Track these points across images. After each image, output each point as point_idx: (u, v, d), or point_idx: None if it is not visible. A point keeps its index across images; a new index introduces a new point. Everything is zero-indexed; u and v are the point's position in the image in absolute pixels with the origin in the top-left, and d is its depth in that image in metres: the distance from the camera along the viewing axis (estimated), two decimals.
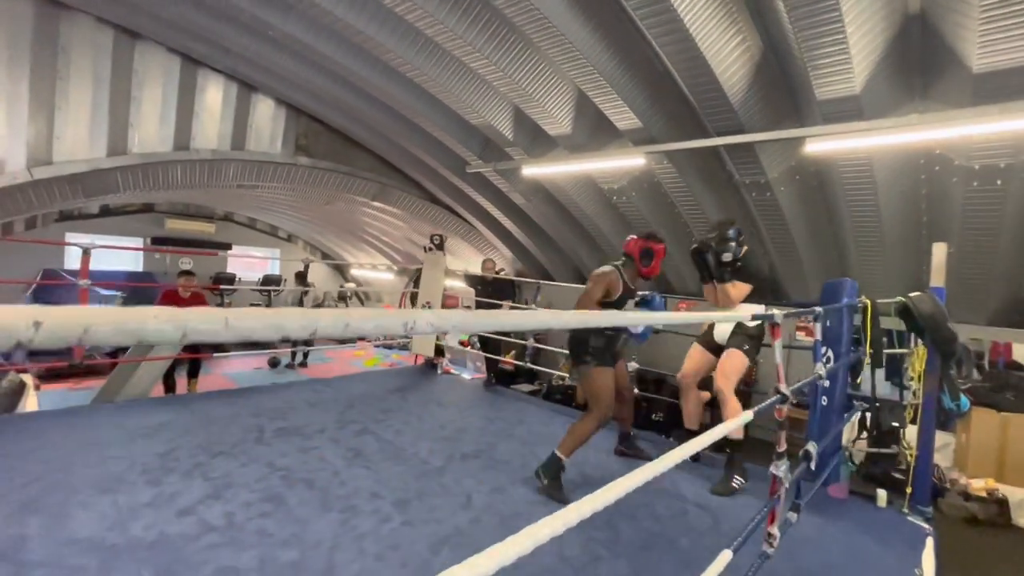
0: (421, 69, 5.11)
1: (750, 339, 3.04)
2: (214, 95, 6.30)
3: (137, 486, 2.47)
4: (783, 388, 1.55)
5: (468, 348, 8.18)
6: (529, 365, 7.06)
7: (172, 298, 5.77)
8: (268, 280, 12.47)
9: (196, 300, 5.93)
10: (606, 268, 2.98)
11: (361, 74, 5.42)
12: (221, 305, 11.05)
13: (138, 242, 11.49)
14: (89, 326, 0.37)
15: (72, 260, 10.07)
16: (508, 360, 6.28)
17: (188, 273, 5.94)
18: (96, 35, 5.30)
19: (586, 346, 2.91)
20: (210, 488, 2.51)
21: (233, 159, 6.59)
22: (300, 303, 8.06)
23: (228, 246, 12.89)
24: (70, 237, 10.04)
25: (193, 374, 5.98)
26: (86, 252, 3.70)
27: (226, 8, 4.72)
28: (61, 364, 6.37)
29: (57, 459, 2.69)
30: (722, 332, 3.17)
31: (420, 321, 0.53)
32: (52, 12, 5.02)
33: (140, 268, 11.69)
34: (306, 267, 6.47)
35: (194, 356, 5.76)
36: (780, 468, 1.55)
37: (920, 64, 3.73)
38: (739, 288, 2.96)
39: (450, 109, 5.98)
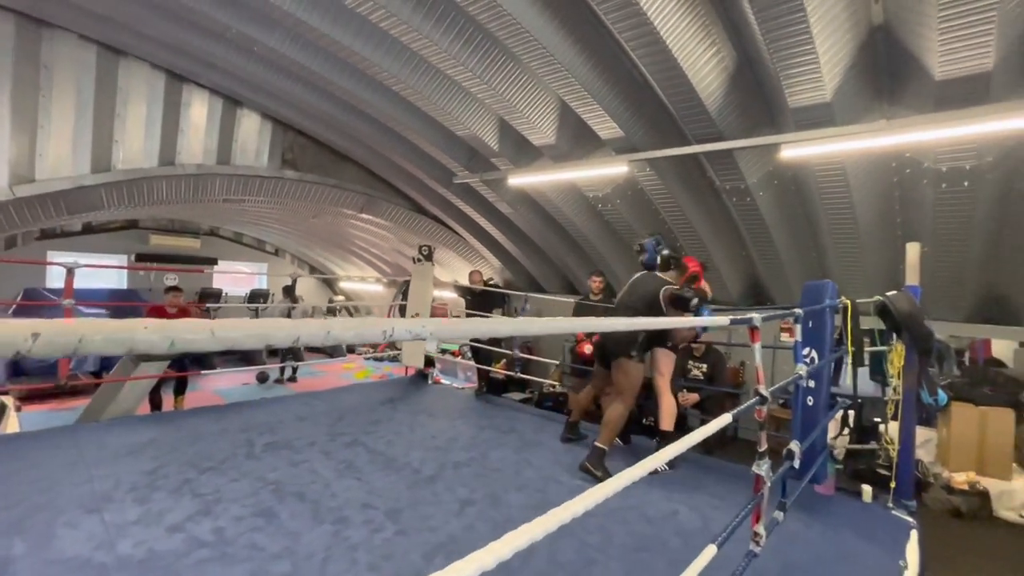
0: (406, 82, 5.17)
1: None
2: (199, 110, 6.30)
3: (124, 504, 2.45)
4: (762, 390, 1.60)
5: (459, 358, 8.17)
6: (519, 375, 7.09)
7: (159, 315, 5.71)
8: (255, 295, 12.37)
9: (183, 316, 5.88)
10: (675, 292, 3.33)
11: (346, 87, 5.46)
12: None
13: (122, 259, 11.34)
14: (83, 337, 0.40)
15: (54, 279, 9.91)
16: (499, 369, 6.30)
17: (175, 289, 5.87)
18: (79, 52, 5.29)
19: (635, 344, 3.26)
20: (200, 504, 2.50)
21: (219, 174, 6.58)
22: (288, 318, 8.02)
23: (214, 261, 12.77)
24: (52, 256, 9.89)
25: (180, 391, 5.91)
26: (70, 272, 3.66)
27: (211, 25, 4.76)
28: (44, 385, 6.24)
29: (41, 480, 2.65)
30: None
31: (399, 328, 0.56)
32: (34, 29, 5.01)
33: (124, 285, 11.53)
34: (294, 281, 6.43)
35: (180, 374, 5.72)
36: (762, 467, 1.59)
37: (886, 72, 3.87)
38: None
39: (435, 121, 6.04)
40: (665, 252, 3.50)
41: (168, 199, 6.34)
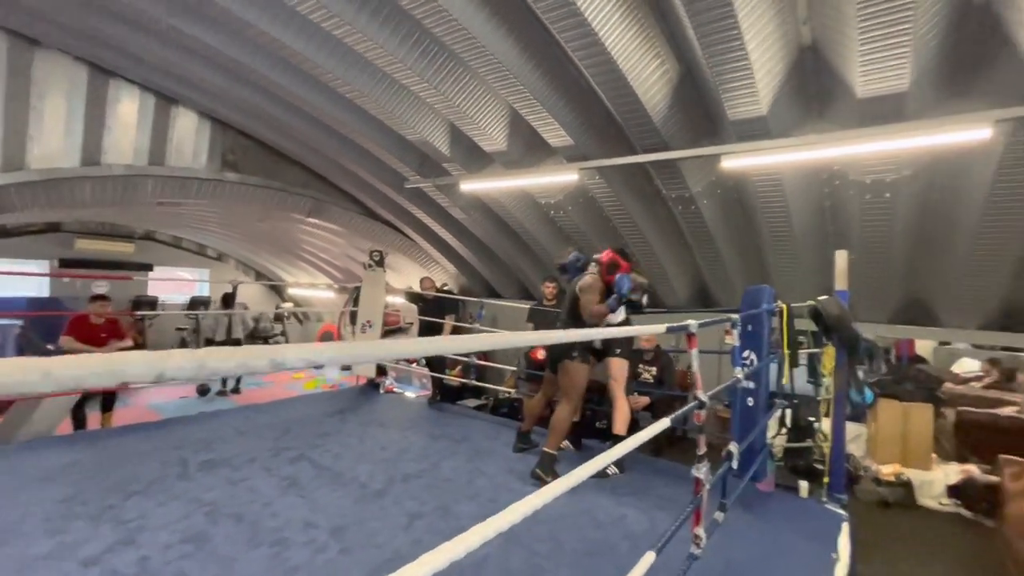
0: (353, 84, 5.04)
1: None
2: (128, 107, 5.90)
3: (33, 537, 2.23)
4: (701, 395, 1.63)
5: (413, 365, 8.02)
6: (474, 382, 7.03)
7: (82, 325, 5.27)
8: (196, 302, 11.71)
9: (111, 327, 5.44)
10: (590, 279, 3.24)
11: (290, 88, 5.27)
12: (142, 331, 10.24)
13: (43, 265, 10.47)
14: None
15: None
16: (454, 376, 6.22)
17: (102, 298, 5.43)
18: None
19: (575, 344, 3.19)
20: (122, 532, 2.31)
21: (151, 175, 6.19)
22: (228, 327, 7.54)
23: (149, 267, 12.01)
24: None
25: (107, 407, 5.46)
26: None
27: (138, 17, 4.46)
28: None
29: None
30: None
31: (291, 356, 0.51)
32: None
33: (46, 294, 10.64)
34: (234, 288, 6.02)
35: (107, 388, 5.30)
36: (701, 470, 1.62)
37: (815, 88, 4.12)
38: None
39: (385, 125, 5.93)
40: (593, 260, 3.48)
41: (93, 201, 5.89)
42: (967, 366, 8.33)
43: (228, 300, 8.43)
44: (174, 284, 12.65)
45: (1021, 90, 3.40)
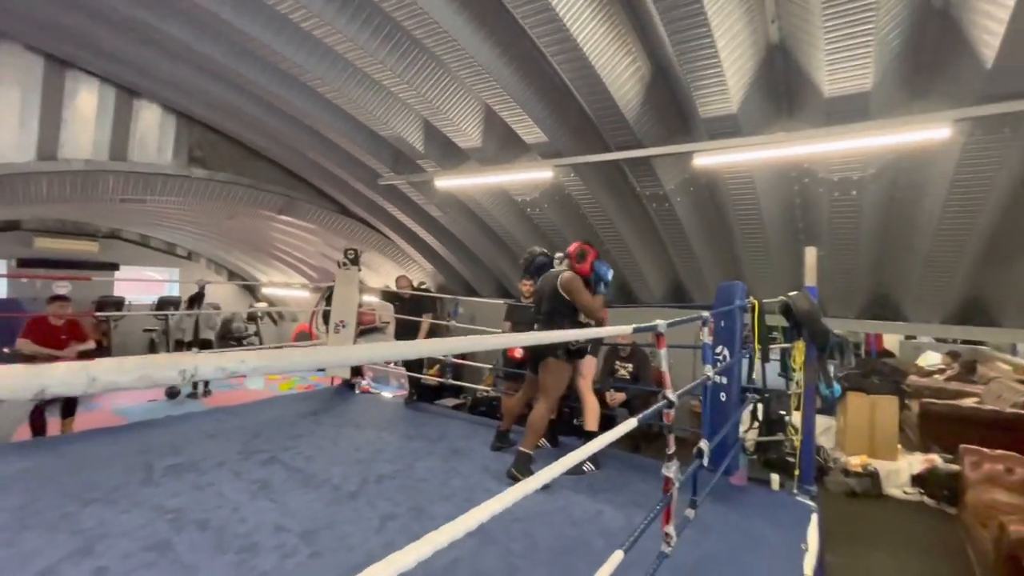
0: (324, 79, 4.93)
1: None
2: (87, 99, 5.66)
3: None
4: (670, 394, 1.63)
5: (390, 365, 7.91)
6: (451, 381, 6.98)
7: (40, 327, 5.04)
8: (165, 303, 11.34)
9: (71, 328, 5.23)
10: (570, 275, 3.21)
11: (259, 83, 5.12)
12: (107, 333, 9.89)
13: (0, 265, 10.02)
14: None
15: None
16: (432, 375, 6.15)
17: (61, 298, 5.20)
18: None
19: (562, 343, 3.16)
20: (79, 542, 2.21)
21: (112, 170, 5.95)
22: (195, 329, 7.28)
23: (115, 266, 11.59)
24: None
25: (68, 412, 5.24)
26: None
27: (93, 4, 4.27)
28: None
29: None
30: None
31: (204, 366, 0.46)
32: None
33: (3, 295, 10.20)
34: (201, 288, 5.76)
35: None
36: (671, 469, 1.62)
37: (784, 87, 4.19)
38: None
39: (357, 120, 5.82)
40: (559, 256, 3.50)
41: (50, 198, 5.65)
42: (931, 359, 8.65)
43: (196, 301, 8.14)
44: (143, 284, 12.24)
45: (978, 91, 3.51)
